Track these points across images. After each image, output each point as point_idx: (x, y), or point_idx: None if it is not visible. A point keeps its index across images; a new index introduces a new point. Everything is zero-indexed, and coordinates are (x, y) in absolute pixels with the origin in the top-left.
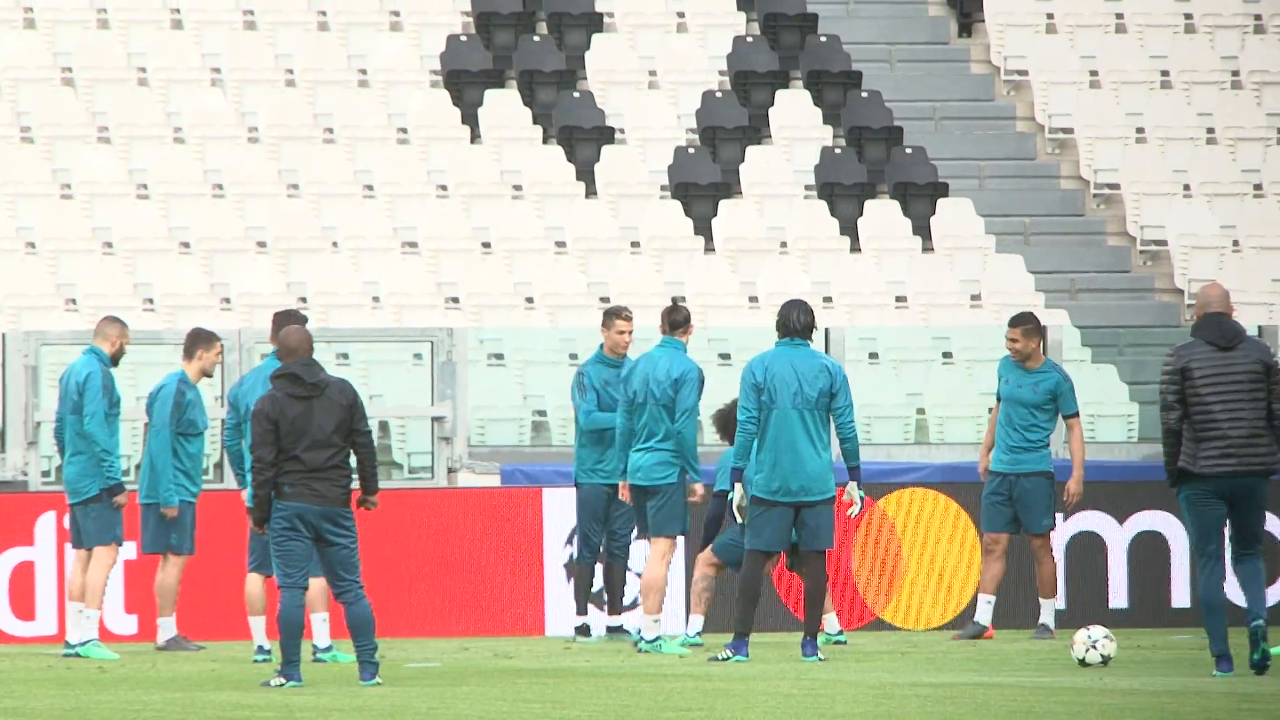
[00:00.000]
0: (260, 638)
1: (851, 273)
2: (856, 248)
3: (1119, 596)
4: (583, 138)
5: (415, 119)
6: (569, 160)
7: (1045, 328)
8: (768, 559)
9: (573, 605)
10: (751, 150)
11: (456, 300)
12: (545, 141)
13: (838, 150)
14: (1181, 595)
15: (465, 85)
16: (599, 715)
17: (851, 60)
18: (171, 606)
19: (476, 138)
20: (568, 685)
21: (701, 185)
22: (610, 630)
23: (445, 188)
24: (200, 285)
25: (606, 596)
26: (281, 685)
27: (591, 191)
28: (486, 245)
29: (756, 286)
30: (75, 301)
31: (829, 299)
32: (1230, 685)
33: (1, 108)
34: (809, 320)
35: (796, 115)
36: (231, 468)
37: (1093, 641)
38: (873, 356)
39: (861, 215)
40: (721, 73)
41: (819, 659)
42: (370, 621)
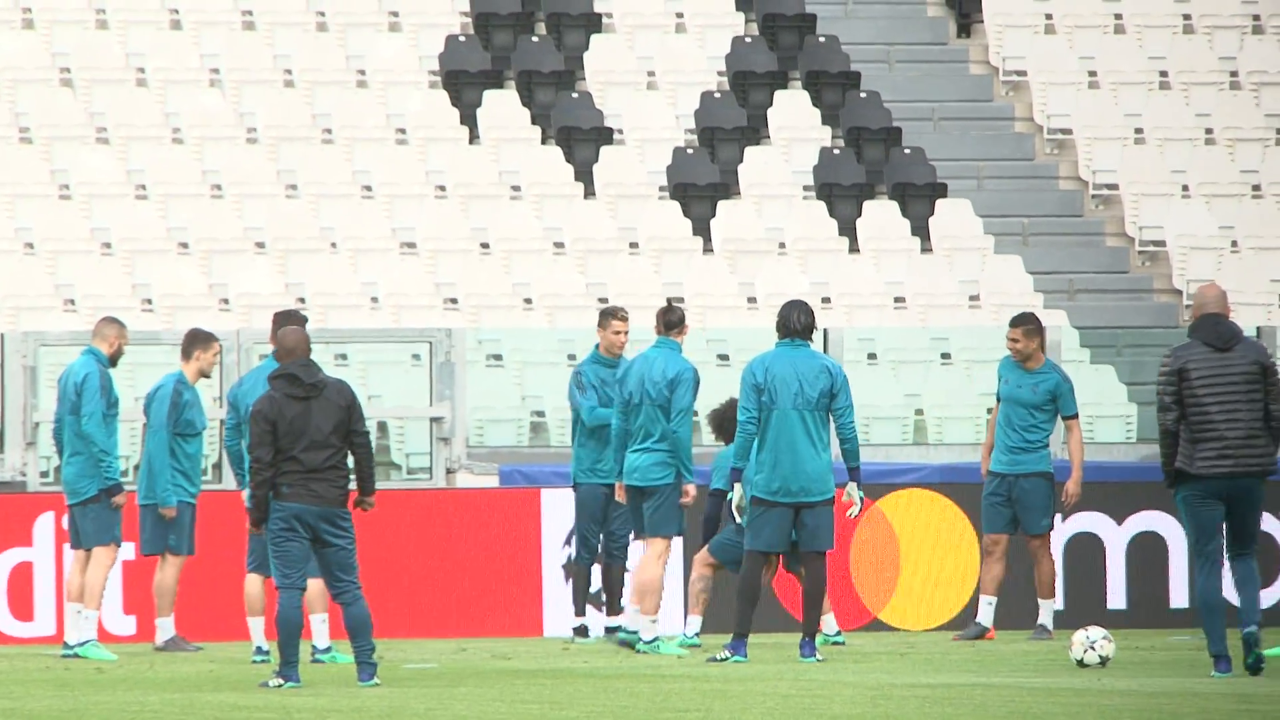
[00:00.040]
0: (259, 638)
1: (850, 273)
2: (855, 248)
3: (1117, 597)
4: (581, 138)
5: (414, 119)
6: (567, 161)
7: (1045, 328)
8: (767, 559)
9: (571, 606)
10: (750, 151)
11: (455, 301)
12: (544, 142)
13: (836, 151)
14: (1180, 596)
15: (464, 86)
16: (597, 716)
17: (850, 61)
18: (170, 607)
19: (475, 138)
20: (566, 686)
21: (700, 186)
22: (609, 631)
23: (444, 188)
24: (199, 286)
25: (605, 597)
26: (280, 686)
27: (590, 192)
28: (485, 246)
29: (755, 287)
30: (74, 302)
31: (827, 299)
32: (1228, 686)
33: (0, 108)
34: (809, 321)
35: (795, 116)
36: (231, 468)
37: (1091, 642)
38: (871, 357)
39: (860, 216)
40: (720, 73)
41: (817, 660)
42: (368, 622)
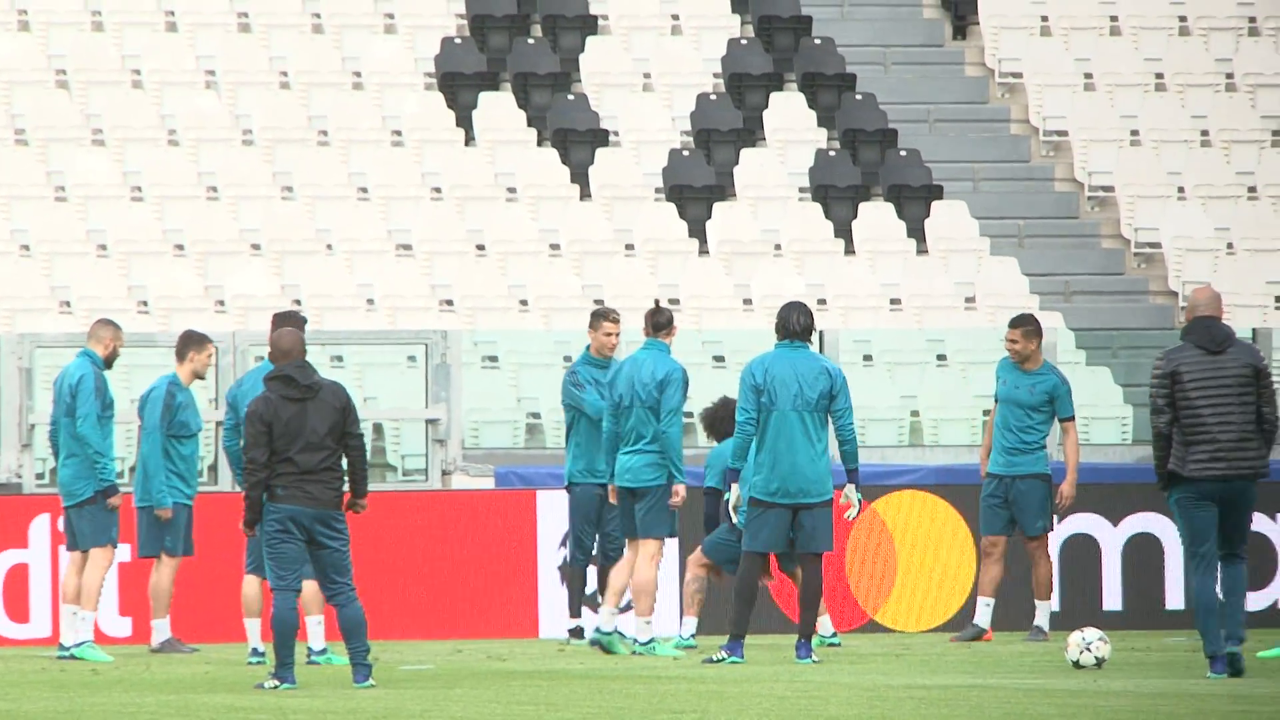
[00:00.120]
0: (255, 640)
1: (846, 275)
2: (851, 250)
3: (1113, 599)
4: (577, 140)
5: (409, 121)
6: (563, 163)
7: (1043, 330)
8: (764, 560)
9: (566, 608)
10: (746, 153)
11: (451, 303)
12: (539, 144)
13: (832, 153)
14: (1175, 597)
15: (459, 88)
16: (593, 717)
17: (846, 63)
18: (165, 609)
19: (471, 140)
20: (562, 687)
21: (696, 188)
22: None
23: (439, 190)
24: (194, 287)
25: (600, 599)
26: (275, 687)
27: (586, 194)
28: (481, 248)
29: (751, 289)
30: (69, 304)
31: (823, 301)
32: (1224, 687)
33: None
34: (809, 322)
35: (791, 117)
36: (230, 469)
37: (1087, 644)
38: (867, 359)
39: (856, 217)
40: (716, 75)
41: (813, 661)
42: (362, 623)
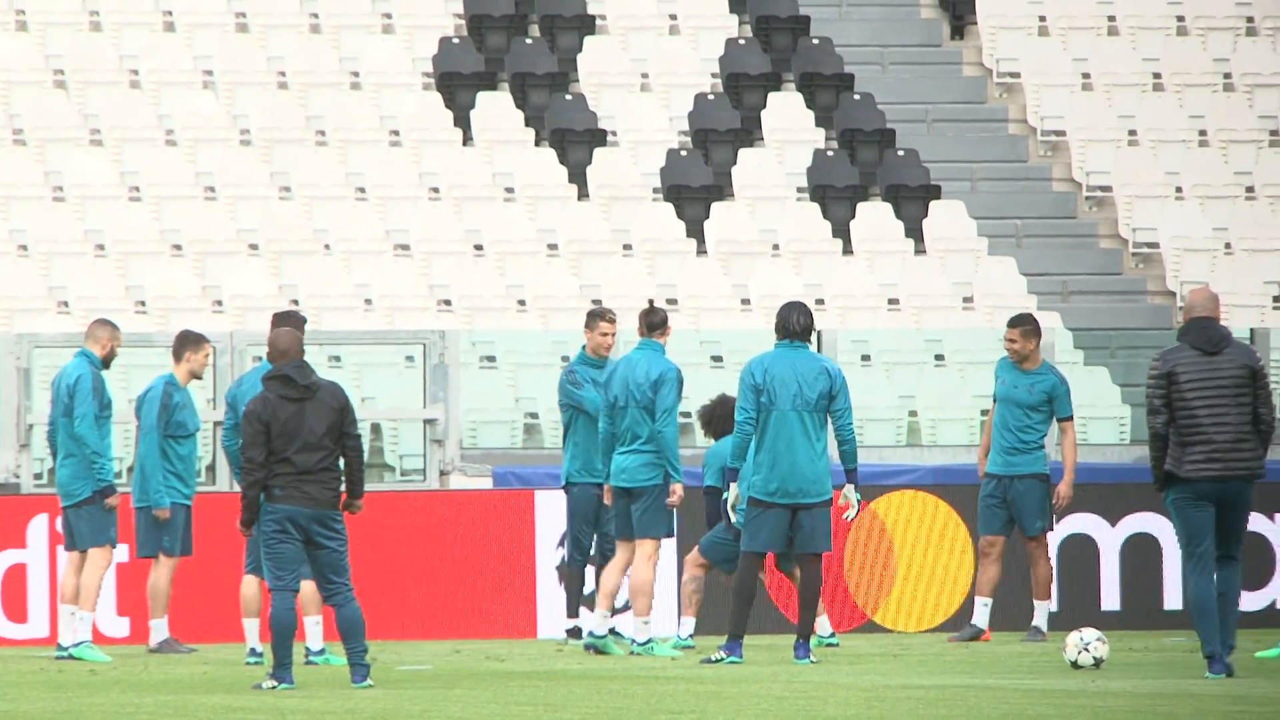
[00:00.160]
0: (253, 640)
1: (844, 275)
2: (849, 250)
3: (1111, 599)
4: (575, 140)
5: (407, 121)
6: (561, 162)
7: (1042, 329)
8: (763, 560)
9: (564, 608)
10: (743, 152)
11: (448, 302)
12: (537, 144)
13: (830, 152)
14: (1174, 598)
15: (457, 87)
16: (591, 718)
17: (844, 62)
18: (163, 609)
19: (468, 140)
20: (560, 688)
21: (693, 187)
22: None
23: (437, 190)
24: (192, 287)
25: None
26: (273, 688)
27: (583, 194)
28: (479, 247)
29: (748, 289)
30: (67, 304)
31: (821, 301)
32: (1223, 688)
33: None
34: (808, 322)
35: (788, 117)
36: (231, 468)
37: (1085, 644)
38: (865, 359)
39: (854, 217)
40: (713, 75)
41: (811, 661)
42: (360, 624)
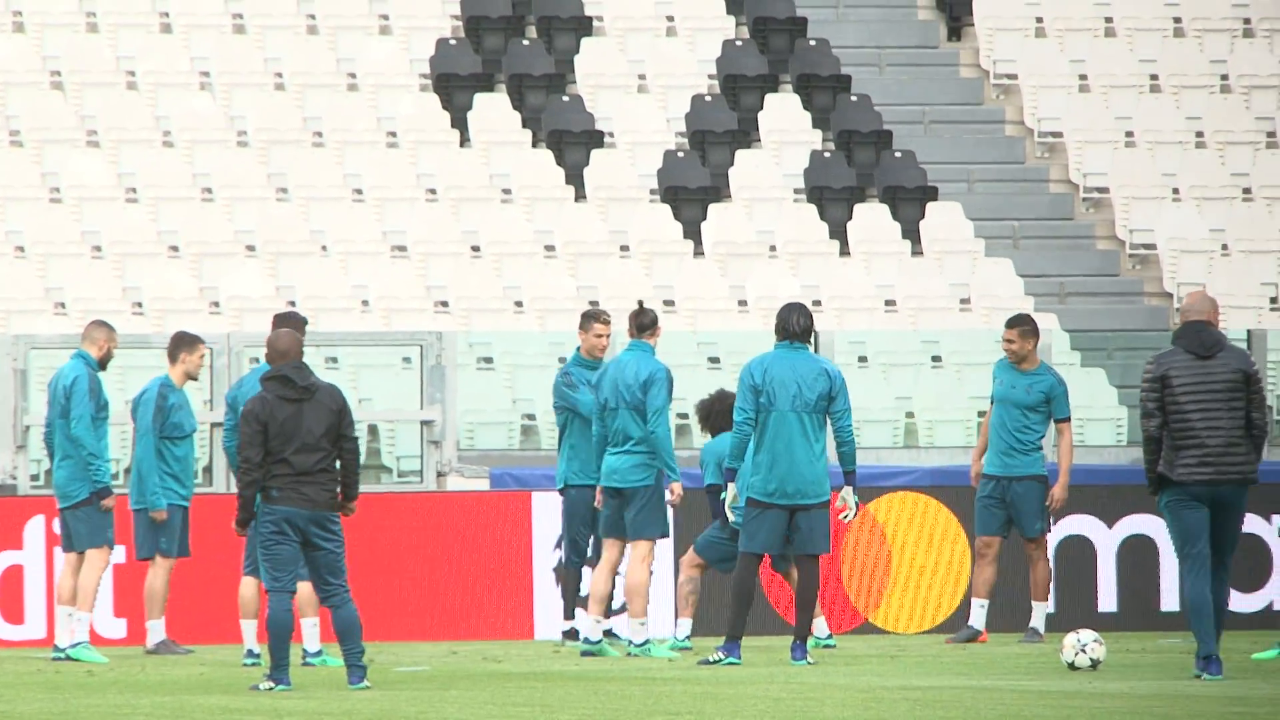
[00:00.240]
0: (250, 641)
1: (841, 276)
2: (846, 251)
3: (1108, 600)
4: (572, 141)
5: (404, 123)
6: (558, 164)
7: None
8: (760, 561)
9: (561, 609)
10: (741, 154)
11: (446, 304)
12: (534, 145)
13: (827, 154)
14: (1170, 599)
15: (454, 89)
16: (589, 718)
17: (841, 64)
18: (160, 610)
19: (466, 141)
20: (557, 689)
21: (691, 189)
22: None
23: (434, 191)
24: (189, 289)
25: None
26: (270, 689)
27: (581, 195)
28: (476, 249)
29: (746, 290)
30: (64, 305)
31: (818, 302)
32: (1220, 689)
33: None
34: (808, 323)
35: (786, 119)
36: (230, 469)
37: (1082, 645)
38: (862, 360)
39: (851, 219)
40: (711, 76)
41: (808, 663)
42: (357, 625)
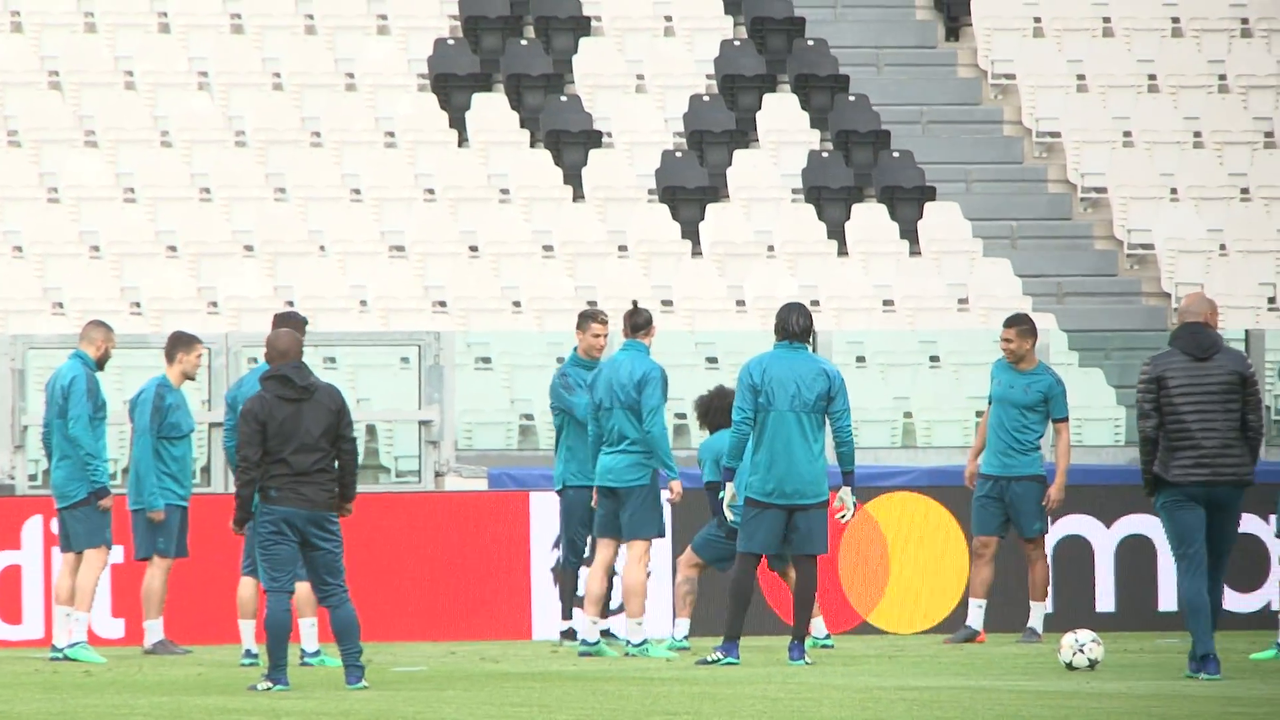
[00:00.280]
0: (248, 641)
1: (839, 276)
2: (844, 251)
3: (1106, 600)
4: (570, 141)
5: (402, 123)
6: (556, 164)
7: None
8: (759, 561)
9: (559, 609)
10: (739, 154)
11: (444, 304)
12: (533, 145)
13: (825, 154)
14: (1168, 599)
15: (452, 89)
16: (586, 719)
17: (839, 64)
18: (158, 610)
19: (464, 141)
20: (555, 689)
21: (689, 189)
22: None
23: (432, 191)
24: (187, 289)
25: None
26: (268, 689)
27: (579, 195)
28: (474, 249)
29: (744, 290)
30: (62, 305)
31: (816, 302)
32: (1217, 689)
33: None
34: (807, 324)
35: (784, 119)
36: (231, 469)
37: (1080, 645)
38: (860, 360)
39: (849, 219)
40: (709, 76)
41: (806, 663)
42: (355, 625)
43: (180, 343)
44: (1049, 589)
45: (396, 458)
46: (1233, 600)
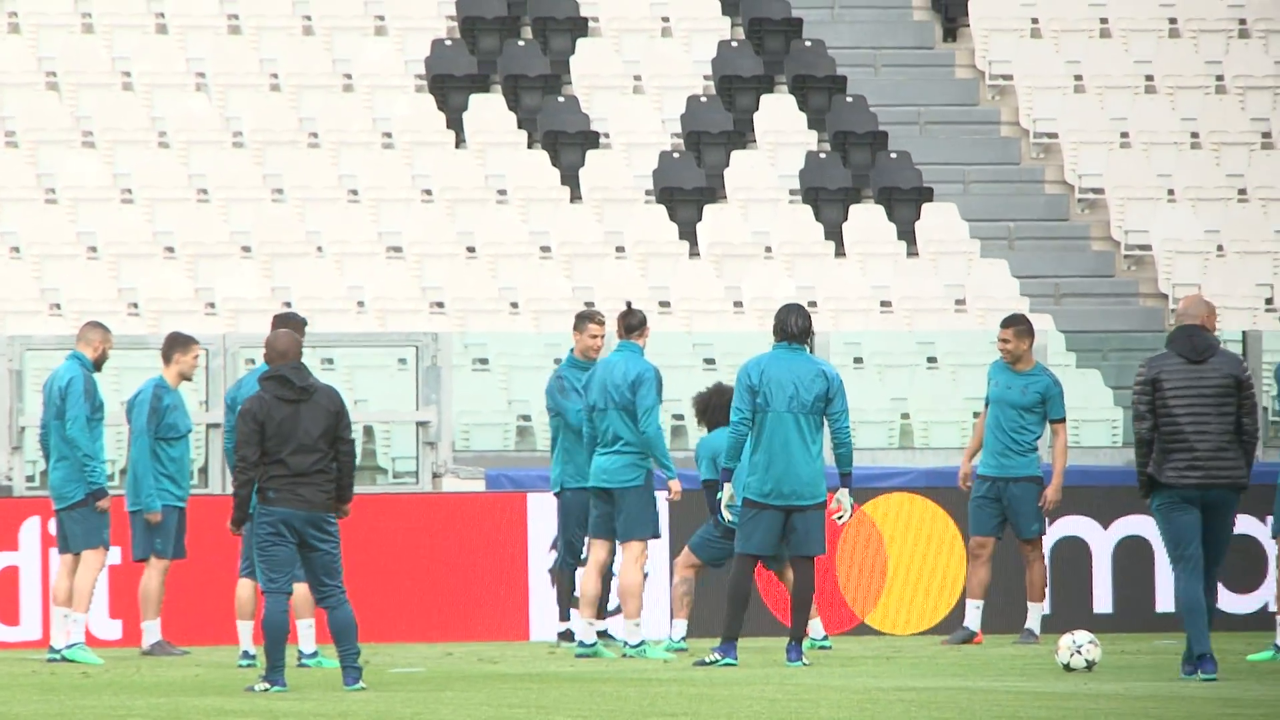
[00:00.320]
0: (246, 643)
1: (836, 277)
2: (841, 252)
3: (1103, 601)
4: (567, 142)
5: (400, 124)
6: (554, 165)
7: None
8: (756, 562)
9: (556, 610)
10: (736, 155)
11: (441, 305)
12: (530, 146)
13: (822, 155)
14: (1166, 600)
15: (450, 90)
16: None
17: (836, 65)
18: (155, 611)
19: (461, 142)
20: (552, 690)
21: (686, 190)
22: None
23: (430, 192)
24: (184, 290)
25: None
26: (266, 690)
27: (576, 196)
28: (471, 250)
29: (741, 291)
30: (60, 306)
31: (813, 303)
32: (1214, 690)
33: None
34: (806, 325)
35: (781, 120)
36: (231, 470)
37: (1077, 646)
38: (857, 361)
39: (846, 220)
40: (706, 77)
41: (804, 664)
42: (353, 626)
43: (177, 343)
44: (1047, 590)
45: (394, 459)
46: (1230, 601)
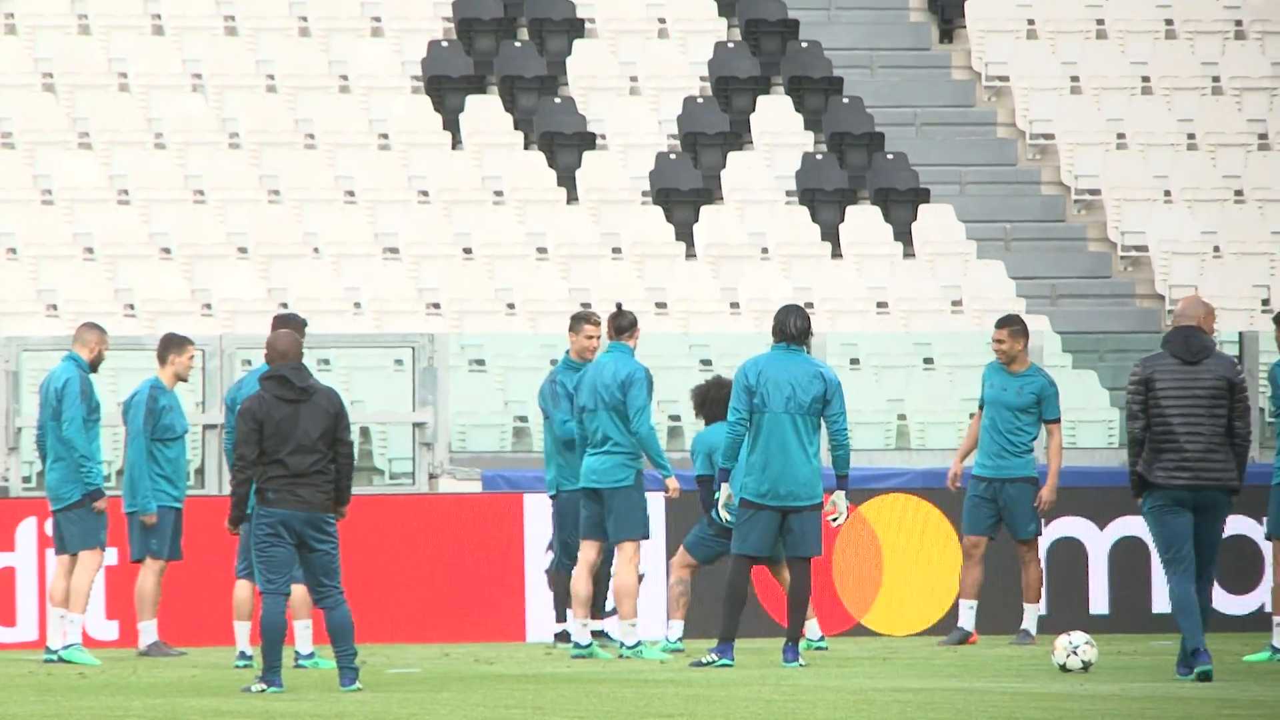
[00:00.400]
0: (243, 643)
1: (833, 278)
2: (838, 253)
3: (1099, 602)
4: (564, 143)
5: (396, 124)
6: (550, 166)
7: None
8: (753, 563)
9: (553, 611)
10: (733, 156)
11: (438, 306)
12: (526, 147)
13: (819, 156)
14: (1162, 601)
15: (446, 91)
16: None
17: (833, 66)
18: (152, 611)
19: (458, 143)
20: (549, 691)
21: (683, 191)
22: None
23: (426, 193)
24: (181, 291)
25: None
26: (262, 691)
27: (573, 197)
28: (468, 251)
29: (738, 292)
30: (56, 307)
31: (810, 305)
32: (1211, 690)
33: None
34: (805, 326)
35: (778, 121)
36: (229, 470)
37: (1073, 647)
38: (854, 362)
39: (843, 221)
40: (703, 78)
41: (800, 664)
42: (350, 627)
43: (172, 344)
44: (1042, 591)
45: (390, 460)
46: (1226, 602)
